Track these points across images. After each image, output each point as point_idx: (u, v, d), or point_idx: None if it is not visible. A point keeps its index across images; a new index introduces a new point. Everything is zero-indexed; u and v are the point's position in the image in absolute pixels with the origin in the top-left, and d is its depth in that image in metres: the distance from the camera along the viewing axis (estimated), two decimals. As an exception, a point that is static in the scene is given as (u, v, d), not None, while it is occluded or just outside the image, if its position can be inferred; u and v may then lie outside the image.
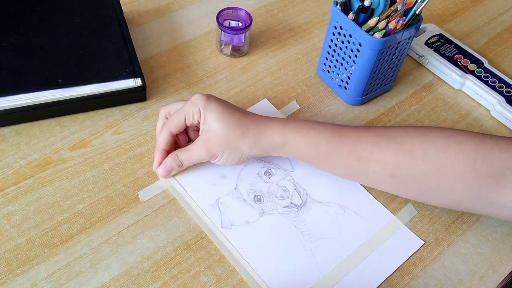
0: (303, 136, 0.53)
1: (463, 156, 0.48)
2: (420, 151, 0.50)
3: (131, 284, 0.49)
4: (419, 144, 0.50)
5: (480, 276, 0.53)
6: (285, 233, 0.54)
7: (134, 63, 0.63)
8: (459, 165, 0.48)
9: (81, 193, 0.55)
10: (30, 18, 0.66)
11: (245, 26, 0.69)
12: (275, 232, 0.54)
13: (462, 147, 0.49)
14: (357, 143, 0.52)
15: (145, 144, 0.60)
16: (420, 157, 0.50)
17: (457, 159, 0.48)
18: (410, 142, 0.51)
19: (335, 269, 0.52)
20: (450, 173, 0.49)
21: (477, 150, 0.48)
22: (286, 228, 0.55)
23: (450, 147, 0.49)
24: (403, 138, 0.51)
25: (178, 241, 0.53)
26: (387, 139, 0.52)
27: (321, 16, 0.80)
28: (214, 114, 0.52)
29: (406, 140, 0.51)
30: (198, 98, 0.53)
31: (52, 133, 0.60)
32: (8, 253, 0.50)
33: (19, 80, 0.59)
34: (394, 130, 0.53)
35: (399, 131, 0.52)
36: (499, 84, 0.70)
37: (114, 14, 0.69)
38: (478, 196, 0.49)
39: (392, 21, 0.58)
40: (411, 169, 0.50)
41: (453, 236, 0.56)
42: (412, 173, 0.50)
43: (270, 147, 0.54)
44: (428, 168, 0.50)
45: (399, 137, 0.51)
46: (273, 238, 0.54)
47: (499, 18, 0.84)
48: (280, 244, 0.53)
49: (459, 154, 0.49)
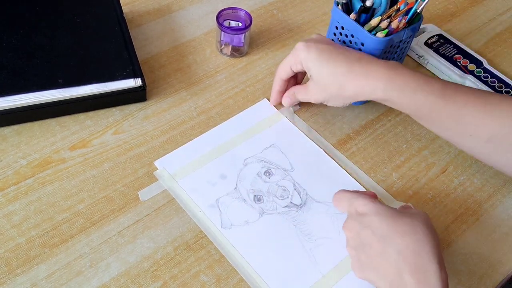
0: (407, 96, 0.53)
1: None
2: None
3: (131, 284, 0.50)
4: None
5: (480, 276, 0.53)
6: (285, 233, 0.54)
7: (134, 63, 0.63)
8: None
9: (81, 193, 0.55)
10: (30, 18, 0.66)
11: (245, 26, 0.69)
12: (275, 232, 0.54)
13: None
14: (462, 108, 0.51)
15: (145, 144, 0.61)
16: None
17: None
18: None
19: (335, 269, 0.52)
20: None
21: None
22: (286, 228, 0.55)
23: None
24: (509, 107, 0.50)
25: (178, 240, 0.53)
26: (494, 105, 0.51)
27: (321, 16, 0.80)
28: (315, 64, 0.56)
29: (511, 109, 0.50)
30: (299, 49, 0.57)
31: (52, 133, 0.60)
32: (8, 252, 0.50)
33: (20, 80, 0.59)
34: (500, 97, 0.52)
35: (504, 98, 0.51)
36: (498, 84, 0.70)
37: (114, 14, 0.69)
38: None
39: (394, 20, 0.58)
40: (510, 138, 0.50)
41: (452, 236, 0.56)
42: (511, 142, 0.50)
43: (372, 97, 0.54)
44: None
45: (504, 105, 0.50)
46: (273, 238, 0.54)
47: (499, 18, 0.84)
48: (280, 244, 0.54)
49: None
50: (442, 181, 0.61)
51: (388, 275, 0.45)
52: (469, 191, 0.61)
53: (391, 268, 0.45)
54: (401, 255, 0.44)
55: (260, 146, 0.61)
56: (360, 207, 0.49)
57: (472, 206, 0.59)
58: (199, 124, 0.63)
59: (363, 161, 0.62)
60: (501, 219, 0.58)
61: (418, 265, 0.44)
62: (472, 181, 0.61)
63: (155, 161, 0.59)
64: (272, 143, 0.62)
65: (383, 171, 0.61)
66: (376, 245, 0.46)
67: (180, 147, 0.60)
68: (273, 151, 0.61)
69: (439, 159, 0.63)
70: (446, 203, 0.59)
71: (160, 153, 0.60)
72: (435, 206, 0.59)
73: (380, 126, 0.66)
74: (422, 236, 0.45)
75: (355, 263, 0.49)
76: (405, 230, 0.46)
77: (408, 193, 0.59)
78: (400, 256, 0.44)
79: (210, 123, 0.64)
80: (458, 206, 0.59)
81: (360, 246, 0.48)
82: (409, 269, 0.44)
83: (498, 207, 0.59)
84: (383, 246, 0.46)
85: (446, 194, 0.60)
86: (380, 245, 0.46)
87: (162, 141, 0.61)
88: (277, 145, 0.62)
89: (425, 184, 0.61)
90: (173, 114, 0.64)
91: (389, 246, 0.45)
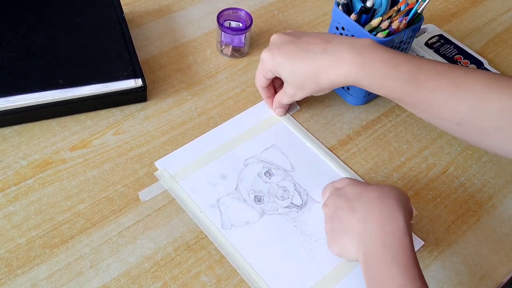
0: (377, 82, 0.52)
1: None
2: (497, 105, 0.48)
3: (132, 284, 0.50)
4: (498, 98, 0.48)
5: (480, 277, 0.53)
6: (285, 233, 0.54)
7: (135, 64, 0.63)
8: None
9: (82, 194, 0.55)
10: (31, 19, 0.66)
11: (245, 27, 0.69)
12: (276, 233, 0.54)
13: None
14: (433, 92, 0.50)
15: (145, 145, 0.61)
16: (493, 111, 0.48)
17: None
18: (488, 93, 0.48)
19: (335, 269, 0.52)
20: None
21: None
22: (286, 229, 0.55)
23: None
24: (482, 90, 0.49)
25: (178, 241, 0.53)
26: (465, 90, 0.50)
27: (321, 16, 0.80)
28: (283, 68, 0.57)
29: (484, 91, 0.49)
30: (264, 59, 0.58)
31: (53, 133, 0.60)
32: (8, 253, 0.50)
33: (20, 81, 0.59)
34: (474, 78, 0.50)
35: (478, 79, 0.50)
36: (499, 85, 0.70)
37: (114, 15, 0.69)
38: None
39: (395, 21, 0.58)
40: (481, 122, 0.49)
41: (453, 237, 0.56)
42: (481, 126, 0.49)
43: (347, 84, 0.54)
44: (499, 124, 0.48)
45: (478, 88, 0.49)
46: (274, 239, 0.54)
47: (499, 18, 0.84)
48: (280, 244, 0.53)
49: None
50: (443, 182, 0.61)
51: (356, 230, 0.47)
52: (470, 192, 0.60)
53: (359, 223, 0.47)
54: (368, 206, 0.47)
55: (260, 147, 0.61)
56: (338, 184, 0.54)
57: (473, 206, 0.59)
58: (199, 125, 0.63)
59: (363, 161, 0.62)
60: (501, 219, 0.58)
61: (383, 212, 0.47)
62: (472, 182, 0.61)
63: (155, 161, 0.59)
64: (272, 144, 0.62)
65: (384, 171, 0.61)
66: (346, 205, 0.49)
67: (181, 148, 0.60)
68: (273, 151, 0.61)
69: (439, 160, 0.63)
70: (447, 203, 0.59)
71: (161, 153, 0.60)
72: (436, 207, 0.59)
73: (380, 127, 0.66)
74: (391, 197, 0.48)
75: (330, 237, 0.51)
76: (376, 192, 0.49)
77: (409, 193, 0.59)
78: (367, 207, 0.47)
79: (211, 123, 0.64)
80: (459, 207, 0.59)
81: (334, 215, 0.50)
82: (374, 218, 0.46)
83: (499, 207, 0.59)
84: (352, 205, 0.49)
85: (447, 194, 0.60)
86: (349, 204, 0.49)
87: (163, 141, 0.61)
88: (278, 145, 0.62)
89: (426, 185, 0.61)
90: (173, 114, 0.64)
91: (356, 202, 0.49)
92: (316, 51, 0.54)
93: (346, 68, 0.52)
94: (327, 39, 0.55)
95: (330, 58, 0.53)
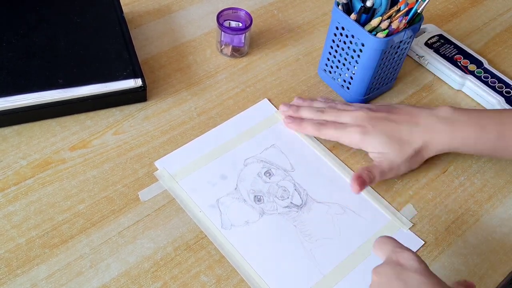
0: (471, 149, 0.59)
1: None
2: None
3: (132, 284, 0.50)
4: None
5: (480, 277, 0.53)
6: (285, 233, 0.54)
7: (135, 64, 0.63)
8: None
9: (82, 193, 0.55)
10: (30, 19, 0.66)
11: (245, 27, 0.69)
12: (275, 233, 0.54)
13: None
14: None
15: (145, 144, 0.61)
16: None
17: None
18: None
19: (335, 269, 0.52)
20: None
21: None
22: (286, 228, 0.55)
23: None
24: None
25: (178, 241, 0.53)
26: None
27: (321, 16, 0.80)
28: (373, 147, 0.58)
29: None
30: (354, 133, 0.58)
31: (53, 133, 0.60)
32: (8, 253, 0.50)
33: (20, 81, 0.59)
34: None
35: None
36: (499, 85, 0.70)
37: (114, 15, 0.69)
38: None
39: (395, 20, 0.58)
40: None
41: (453, 236, 0.56)
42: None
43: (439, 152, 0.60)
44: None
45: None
46: (273, 238, 0.54)
47: (499, 18, 0.84)
48: (280, 244, 0.53)
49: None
50: (442, 181, 0.61)
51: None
52: (470, 192, 0.60)
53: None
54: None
55: (260, 147, 0.61)
56: (403, 259, 0.44)
57: (473, 206, 0.59)
58: (199, 125, 0.63)
59: (363, 161, 0.62)
60: (501, 219, 0.58)
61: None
62: (472, 182, 0.61)
63: (155, 161, 0.59)
64: (272, 144, 0.62)
65: (384, 171, 0.61)
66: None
67: (181, 148, 0.60)
68: (273, 151, 0.61)
69: (439, 159, 0.63)
70: (446, 203, 0.59)
71: (161, 153, 0.60)
72: (435, 207, 0.59)
73: (380, 127, 0.66)
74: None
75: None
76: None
77: (408, 193, 0.59)
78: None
79: (211, 123, 0.64)
80: (458, 207, 0.59)
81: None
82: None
83: (499, 207, 0.59)
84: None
85: (447, 194, 0.60)
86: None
87: (162, 141, 0.61)
88: (278, 145, 0.62)
89: (426, 184, 0.61)
90: (173, 114, 0.64)
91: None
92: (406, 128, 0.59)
93: (441, 139, 0.58)
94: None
95: (424, 130, 0.58)
